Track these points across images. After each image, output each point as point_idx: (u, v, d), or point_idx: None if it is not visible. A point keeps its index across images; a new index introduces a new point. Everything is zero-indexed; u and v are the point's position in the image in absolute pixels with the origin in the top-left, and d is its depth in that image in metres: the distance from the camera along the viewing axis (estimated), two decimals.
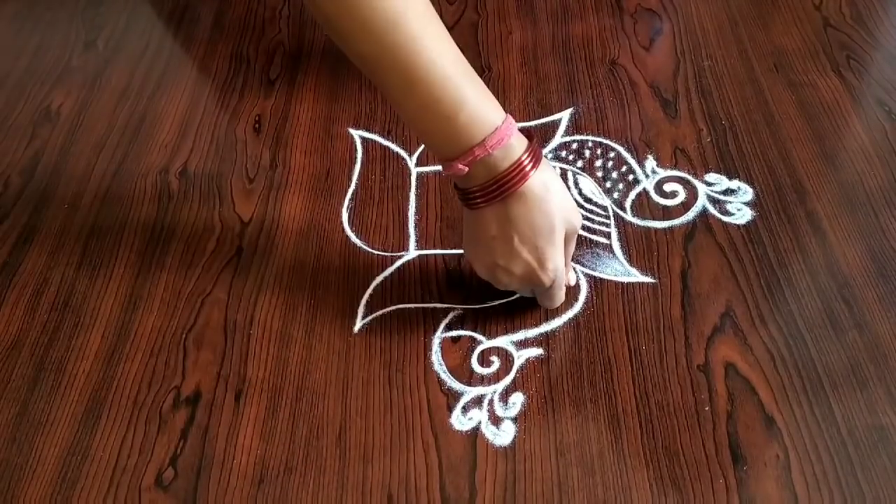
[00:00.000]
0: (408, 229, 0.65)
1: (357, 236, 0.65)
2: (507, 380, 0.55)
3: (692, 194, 0.65)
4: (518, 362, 0.56)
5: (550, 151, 0.70)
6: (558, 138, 0.71)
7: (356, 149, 0.72)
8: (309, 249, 0.64)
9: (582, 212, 0.64)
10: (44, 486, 0.52)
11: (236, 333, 0.59)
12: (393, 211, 0.66)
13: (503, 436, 0.52)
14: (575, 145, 0.70)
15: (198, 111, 0.77)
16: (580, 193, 0.66)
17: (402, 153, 0.71)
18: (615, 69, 0.77)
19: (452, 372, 0.55)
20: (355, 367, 0.56)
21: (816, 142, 0.68)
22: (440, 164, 0.51)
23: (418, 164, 0.70)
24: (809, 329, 0.56)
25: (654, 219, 0.64)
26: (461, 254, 0.62)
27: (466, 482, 0.50)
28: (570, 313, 0.58)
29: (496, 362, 0.56)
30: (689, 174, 0.67)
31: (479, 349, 0.57)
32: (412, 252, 0.63)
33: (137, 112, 0.77)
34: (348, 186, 0.68)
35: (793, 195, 0.64)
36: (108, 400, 0.56)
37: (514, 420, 0.53)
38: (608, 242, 0.62)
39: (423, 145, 0.70)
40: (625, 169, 0.68)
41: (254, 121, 0.75)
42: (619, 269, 0.60)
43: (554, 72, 0.77)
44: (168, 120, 0.76)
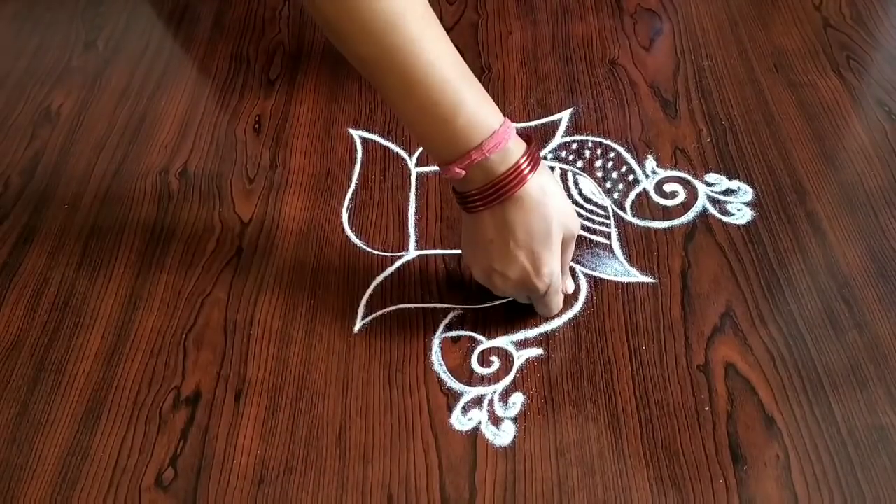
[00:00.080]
0: (408, 229, 0.65)
1: (357, 236, 0.65)
2: (507, 380, 0.55)
3: (692, 194, 0.65)
4: (518, 362, 0.56)
5: (550, 151, 0.70)
6: (558, 138, 0.71)
7: (356, 149, 0.72)
8: (309, 249, 0.64)
9: (582, 212, 0.64)
10: (44, 487, 0.52)
11: (236, 333, 0.59)
12: (393, 211, 0.66)
13: (503, 436, 0.52)
14: (575, 145, 0.70)
15: (198, 111, 0.77)
16: (580, 193, 0.66)
17: (402, 153, 0.71)
18: (615, 69, 0.77)
19: (452, 372, 0.55)
20: (355, 368, 0.56)
21: (816, 142, 0.68)
22: (438, 167, 0.51)
23: (418, 164, 0.70)
24: (809, 329, 0.56)
25: (654, 219, 0.64)
26: (461, 254, 0.62)
27: (466, 482, 0.50)
28: (570, 313, 0.58)
29: (496, 362, 0.56)
30: (689, 174, 0.67)
31: (479, 349, 0.57)
32: (412, 252, 0.63)
33: (137, 112, 0.77)
34: (348, 187, 0.69)
35: (793, 195, 0.64)
36: (108, 400, 0.56)
37: (514, 420, 0.53)
38: (608, 242, 0.62)
39: (423, 150, 0.71)
40: (625, 169, 0.68)
41: (254, 121, 0.75)
42: (619, 270, 0.60)
43: (554, 72, 0.77)
44: (168, 120, 0.76)
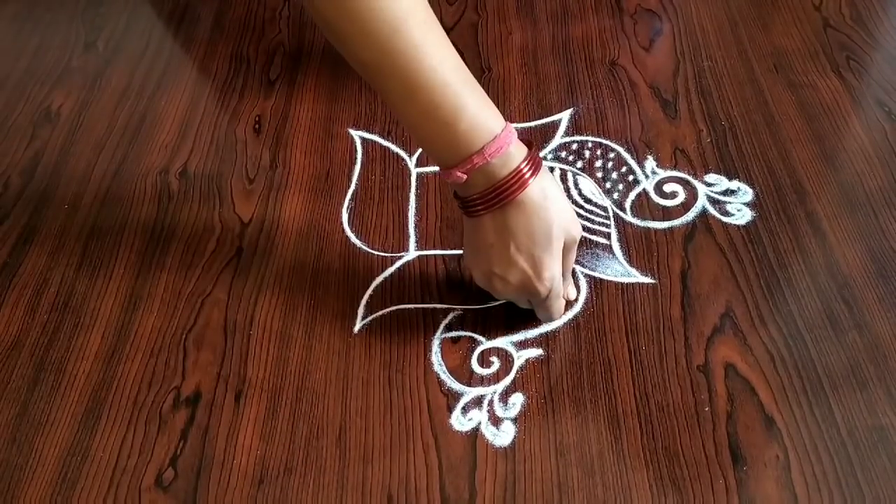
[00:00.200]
0: (408, 230, 0.65)
1: (357, 237, 0.65)
2: (507, 380, 0.55)
3: (692, 195, 0.65)
4: (518, 363, 0.56)
5: (550, 152, 0.70)
6: (558, 139, 0.71)
7: (356, 149, 0.72)
8: (309, 250, 0.64)
9: (582, 212, 0.64)
10: (44, 487, 0.52)
11: (236, 334, 0.59)
12: (393, 211, 0.66)
13: (503, 436, 0.52)
14: (575, 146, 0.70)
15: (198, 111, 0.77)
16: (580, 194, 0.66)
17: (402, 154, 0.71)
18: (615, 70, 0.77)
19: (452, 372, 0.55)
20: (355, 368, 0.56)
21: (816, 142, 0.68)
22: (439, 171, 0.51)
23: (418, 164, 0.70)
24: (809, 329, 0.56)
25: (653, 219, 0.64)
26: (461, 254, 0.62)
27: (466, 483, 0.50)
28: (570, 314, 0.58)
29: (496, 363, 0.56)
30: (689, 175, 0.67)
31: (478, 350, 0.57)
32: (412, 252, 0.63)
33: (137, 112, 0.77)
34: (348, 187, 0.69)
35: (793, 196, 0.64)
36: (108, 400, 0.56)
37: (514, 420, 0.53)
38: (608, 243, 0.62)
39: (423, 152, 0.71)
40: (625, 169, 0.68)
41: (254, 121, 0.75)
42: (619, 270, 0.60)
43: (554, 72, 0.77)
44: (168, 120, 0.76)
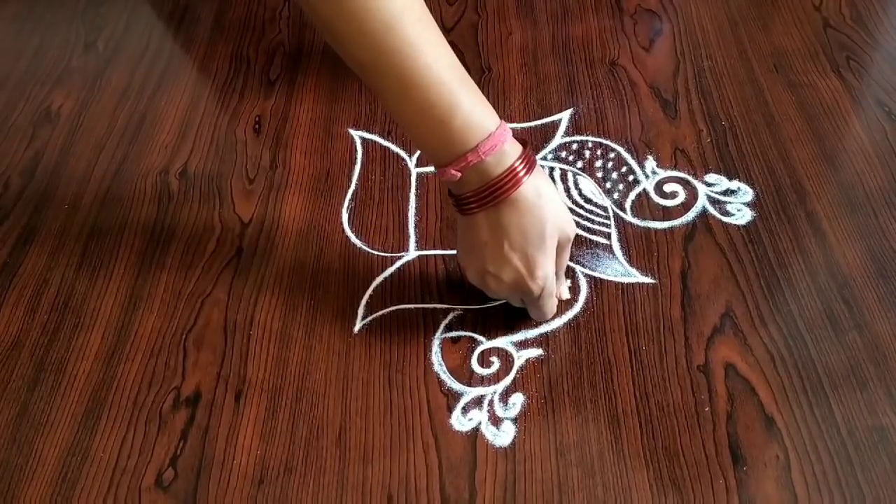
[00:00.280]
0: (408, 230, 0.65)
1: (357, 237, 0.65)
2: (507, 380, 0.55)
3: (692, 195, 0.65)
4: (518, 363, 0.56)
5: (550, 152, 0.70)
6: (558, 139, 0.71)
7: (356, 149, 0.72)
8: (309, 250, 0.64)
9: (582, 212, 0.64)
10: (44, 487, 0.52)
11: (236, 334, 0.59)
12: (393, 211, 0.66)
13: (503, 436, 0.52)
14: (575, 146, 0.70)
15: (198, 112, 0.77)
16: (580, 194, 0.66)
17: (402, 154, 0.71)
18: (615, 70, 0.77)
19: (452, 372, 0.55)
20: (355, 368, 0.56)
21: (816, 142, 0.68)
22: (434, 169, 0.51)
23: (418, 164, 0.70)
24: (809, 329, 0.56)
25: (654, 219, 0.64)
26: (456, 255, 0.62)
27: (466, 483, 0.50)
28: (570, 314, 0.58)
29: (496, 363, 0.56)
30: (689, 175, 0.67)
31: (478, 350, 0.57)
32: (412, 252, 0.63)
33: (137, 113, 0.77)
34: (348, 187, 0.69)
35: (793, 196, 0.64)
36: (108, 400, 0.56)
37: (514, 420, 0.53)
38: (608, 243, 0.62)
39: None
40: (625, 169, 0.68)
41: (254, 121, 0.75)
42: (619, 270, 0.60)
43: (554, 72, 0.77)
44: (168, 120, 0.76)
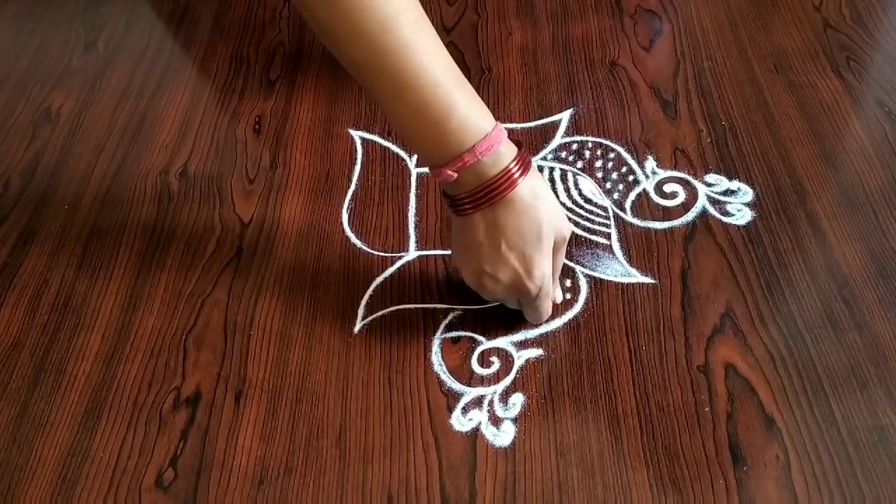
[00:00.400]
0: (408, 230, 0.65)
1: (357, 237, 0.65)
2: (507, 380, 0.55)
3: (692, 195, 0.65)
4: (518, 363, 0.56)
5: (550, 152, 0.70)
6: (558, 139, 0.71)
7: (356, 150, 0.72)
8: (309, 250, 0.64)
9: (582, 212, 0.64)
10: (44, 487, 0.52)
11: (236, 334, 0.59)
12: (393, 212, 0.66)
13: (503, 436, 0.52)
14: (575, 146, 0.70)
15: (198, 112, 0.77)
16: (580, 194, 0.66)
17: (402, 154, 0.71)
18: (615, 70, 0.77)
19: (452, 373, 0.55)
20: (355, 368, 0.56)
21: (816, 142, 0.68)
22: (430, 170, 0.51)
23: (418, 164, 0.70)
24: (809, 329, 0.56)
25: (654, 219, 0.64)
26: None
27: (466, 483, 0.50)
28: (570, 314, 0.58)
29: (496, 363, 0.56)
30: (689, 175, 0.67)
31: (479, 350, 0.57)
32: (412, 253, 0.63)
33: (137, 113, 0.77)
34: (348, 187, 0.69)
35: (793, 196, 0.64)
36: (108, 401, 0.56)
37: (514, 421, 0.53)
38: (608, 243, 0.62)
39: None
40: (625, 169, 0.68)
41: (254, 122, 0.75)
42: (619, 270, 0.60)
43: (554, 72, 0.77)
44: (168, 121, 0.76)
